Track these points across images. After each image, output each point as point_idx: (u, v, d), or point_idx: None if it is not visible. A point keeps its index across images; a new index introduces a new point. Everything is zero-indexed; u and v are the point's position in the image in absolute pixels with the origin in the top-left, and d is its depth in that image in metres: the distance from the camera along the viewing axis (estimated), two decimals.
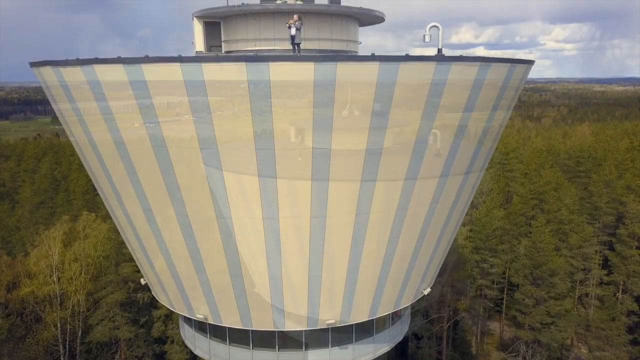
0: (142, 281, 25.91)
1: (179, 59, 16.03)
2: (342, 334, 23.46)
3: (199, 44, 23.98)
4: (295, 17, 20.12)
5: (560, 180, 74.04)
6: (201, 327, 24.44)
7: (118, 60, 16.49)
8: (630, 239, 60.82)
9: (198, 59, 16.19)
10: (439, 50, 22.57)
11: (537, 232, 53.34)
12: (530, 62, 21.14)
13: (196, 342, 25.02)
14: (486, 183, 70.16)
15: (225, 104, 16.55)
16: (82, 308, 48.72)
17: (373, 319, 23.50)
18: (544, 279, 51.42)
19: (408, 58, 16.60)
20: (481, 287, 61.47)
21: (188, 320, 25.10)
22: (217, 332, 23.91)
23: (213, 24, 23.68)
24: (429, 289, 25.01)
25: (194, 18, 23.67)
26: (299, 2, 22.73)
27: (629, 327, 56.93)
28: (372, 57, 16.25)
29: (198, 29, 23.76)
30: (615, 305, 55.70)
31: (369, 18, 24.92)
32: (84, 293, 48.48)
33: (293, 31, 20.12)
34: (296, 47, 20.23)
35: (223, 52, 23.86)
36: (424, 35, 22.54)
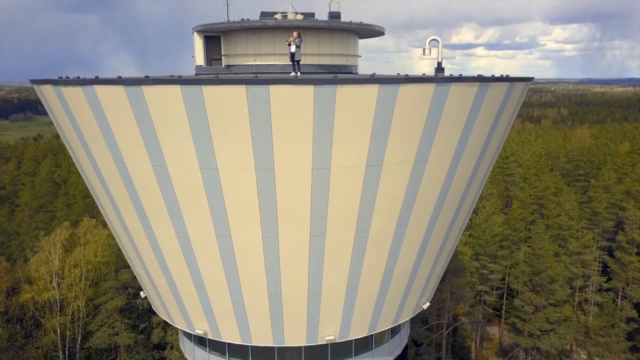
0: (142, 294, 25.94)
1: (179, 81, 16.05)
2: (342, 349, 23.50)
3: (199, 58, 24.07)
4: (295, 34, 20.11)
5: (559, 185, 74.17)
6: (200, 341, 24.47)
7: (118, 81, 16.50)
8: (629, 246, 60.92)
9: (198, 81, 16.19)
10: (439, 64, 22.70)
11: (536, 238, 53.33)
12: (529, 80, 21.19)
13: (195, 355, 25.05)
14: (486, 187, 70.19)
15: (225, 124, 16.54)
16: (82, 314, 48.82)
17: (372, 334, 23.54)
18: (544, 285, 51.44)
19: (407, 80, 16.62)
20: (480, 293, 61.50)
21: (188, 334, 25.13)
22: (217, 346, 23.93)
23: (213, 37, 23.74)
24: (428, 304, 25.04)
25: (194, 32, 23.71)
26: (299, 18, 22.75)
27: (629, 333, 56.95)
28: (372, 80, 16.28)
29: (198, 43, 23.83)
30: (615, 312, 55.67)
31: (369, 32, 24.97)
32: (84, 299, 48.59)
33: (293, 48, 20.12)
34: (296, 65, 20.23)
35: (223, 65, 23.90)
36: (424, 49, 22.76)
